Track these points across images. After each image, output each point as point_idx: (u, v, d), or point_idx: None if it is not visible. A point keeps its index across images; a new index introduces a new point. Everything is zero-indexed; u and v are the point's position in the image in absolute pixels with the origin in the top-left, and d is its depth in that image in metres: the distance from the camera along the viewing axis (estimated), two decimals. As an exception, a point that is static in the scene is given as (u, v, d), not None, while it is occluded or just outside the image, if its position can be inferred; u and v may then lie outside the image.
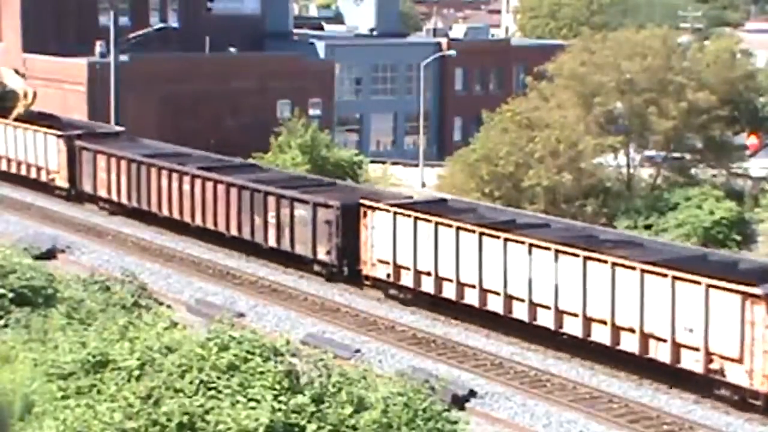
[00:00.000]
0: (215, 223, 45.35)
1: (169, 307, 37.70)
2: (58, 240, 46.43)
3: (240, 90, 78.60)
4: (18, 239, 45.73)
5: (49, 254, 44.60)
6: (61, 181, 53.64)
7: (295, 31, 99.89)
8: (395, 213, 38.28)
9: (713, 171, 63.27)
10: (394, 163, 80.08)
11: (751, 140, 69.18)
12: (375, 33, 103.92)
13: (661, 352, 31.48)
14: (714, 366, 30.29)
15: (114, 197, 50.49)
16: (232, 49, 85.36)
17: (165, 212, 47.76)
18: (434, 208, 39.46)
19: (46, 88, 78.22)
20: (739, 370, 29.83)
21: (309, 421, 23.94)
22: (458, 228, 36.23)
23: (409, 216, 37.80)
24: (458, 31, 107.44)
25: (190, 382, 25.04)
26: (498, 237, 35.18)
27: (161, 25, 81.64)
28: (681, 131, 61.03)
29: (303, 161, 64.60)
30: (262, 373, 25.17)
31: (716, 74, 61.50)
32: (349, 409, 24.62)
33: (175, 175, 47.22)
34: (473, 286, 36.07)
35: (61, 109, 66.64)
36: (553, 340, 34.49)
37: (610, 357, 33.13)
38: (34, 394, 27.30)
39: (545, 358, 34.14)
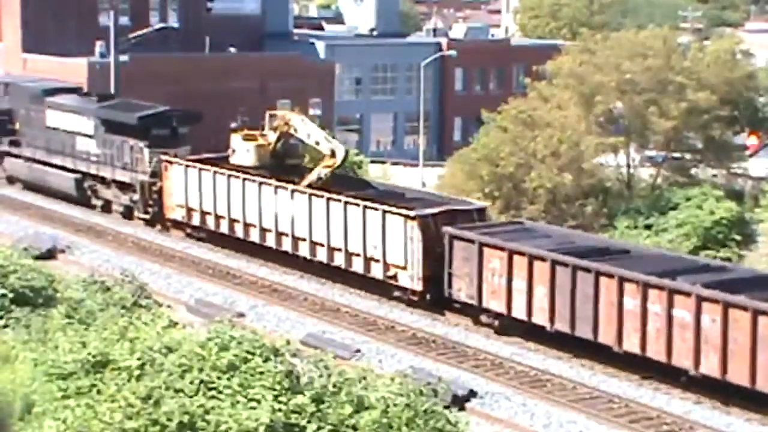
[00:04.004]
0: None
1: (169, 307, 37.71)
2: (58, 240, 46.43)
3: (240, 90, 78.55)
4: (18, 239, 45.75)
5: (49, 254, 44.62)
6: (410, 281, 38.13)
7: (295, 31, 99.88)
8: None
9: (713, 171, 63.23)
10: (394, 163, 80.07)
11: (751, 140, 69.10)
12: (375, 33, 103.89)
13: None
14: None
15: (519, 314, 35.12)
16: (232, 49, 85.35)
17: (634, 348, 32.25)
18: None
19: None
20: None
21: (309, 421, 23.96)
22: None
23: None
24: (458, 31, 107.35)
25: (190, 382, 25.06)
26: None
27: (161, 25, 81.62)
28: (681, 131, 61.02)
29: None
30: (262, 373, 25.19)
31: (716, 74, 61.45)
32: (349, 409, 24.65)
33: (656, 295, 31.64)
34: None
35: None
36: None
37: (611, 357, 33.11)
38: (34, 394, 27.31)
39: (545, 358, 34.12)
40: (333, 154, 43.22)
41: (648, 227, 54.99)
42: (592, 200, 59.33)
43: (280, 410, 23.86)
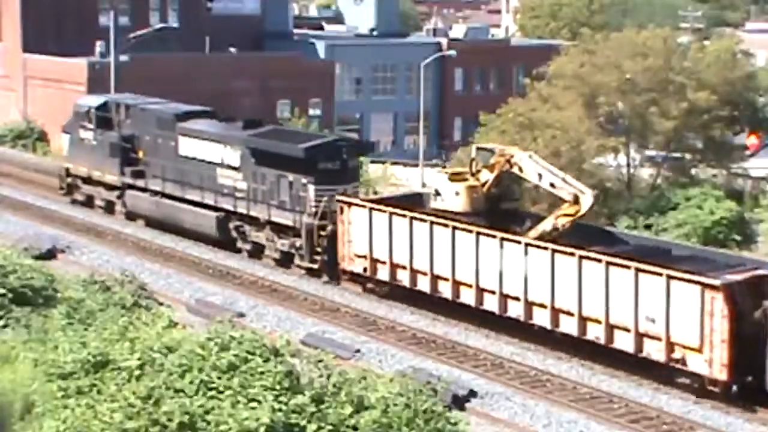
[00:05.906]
0: None
1: (169, 307, 37.70)
2: (58, 240, 46.42)
3: (240, 90, 78.59)
4: (18, 239, 45.73)
5: (49, 254, 44.59)
6: (707, 367, 30.47)
7: (295, 31, 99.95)
8: None
9: (713, 171, 63.30)
10: (394, 163, 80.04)
11: (751, 140, 69.19)
12: (375, 33, 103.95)
13: None
14: None
15: None
16: (232, 49, 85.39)
17: None
18: None
19: (46, 89, 78.40)
20: None
21: (309, 421, 23.96)
22: None
23: None
24: (458, 31, 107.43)
25: (191, 382, 25.06)
26: None
27: (161, 25, 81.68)
28: (681, 131, 61.08)
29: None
30: (262, 373, 25.19)
31: (716, 74, 61.51)
32: (349, 409, 24.65)
33: None
34: None
35: (61, 109, 66.18)
36: None
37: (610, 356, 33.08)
38: (34, 394, 27.32)
39: (545, 358, 34.11)
40: (576, 200, 35.66)
41: (648, 227, 55.03)
42: (592, 200, 59.32)
43: (280, 410, 23.86)
